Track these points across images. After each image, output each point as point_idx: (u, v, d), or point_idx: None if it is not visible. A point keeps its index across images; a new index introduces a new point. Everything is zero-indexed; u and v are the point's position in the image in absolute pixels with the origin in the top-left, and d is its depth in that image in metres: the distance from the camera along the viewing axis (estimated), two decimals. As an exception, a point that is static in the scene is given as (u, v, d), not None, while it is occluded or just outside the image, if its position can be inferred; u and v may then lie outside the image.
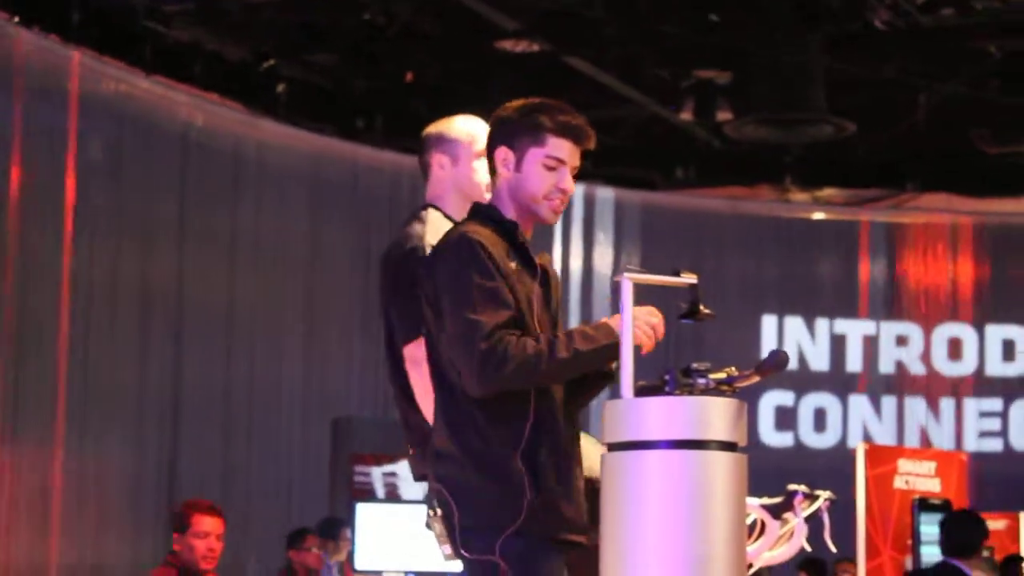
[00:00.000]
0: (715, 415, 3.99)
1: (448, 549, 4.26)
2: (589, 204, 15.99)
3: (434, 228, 4.78)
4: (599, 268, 15.87)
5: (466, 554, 4.20)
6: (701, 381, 4.05)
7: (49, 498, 11.67)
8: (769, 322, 16.58)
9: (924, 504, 9.94)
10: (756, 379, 4.08)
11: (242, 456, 13.36)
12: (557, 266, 4.24)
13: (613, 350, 4.14)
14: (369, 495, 11.72)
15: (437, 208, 4.96)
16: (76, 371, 11.85)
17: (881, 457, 10.37)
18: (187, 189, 13.04)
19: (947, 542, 8.79)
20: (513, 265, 4.32)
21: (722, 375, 4.08)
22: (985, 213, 16.62)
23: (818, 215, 16.82)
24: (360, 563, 10.42)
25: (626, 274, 4.08)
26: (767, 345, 16.41)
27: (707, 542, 3.91)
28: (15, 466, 11.38)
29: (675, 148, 15.74)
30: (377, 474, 12.02)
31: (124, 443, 12.37)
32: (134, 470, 12.52)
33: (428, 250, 4.60)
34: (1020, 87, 13.41)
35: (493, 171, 4.51)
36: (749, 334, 16.38)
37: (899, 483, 10.29)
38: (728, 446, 3.99)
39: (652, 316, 4.26)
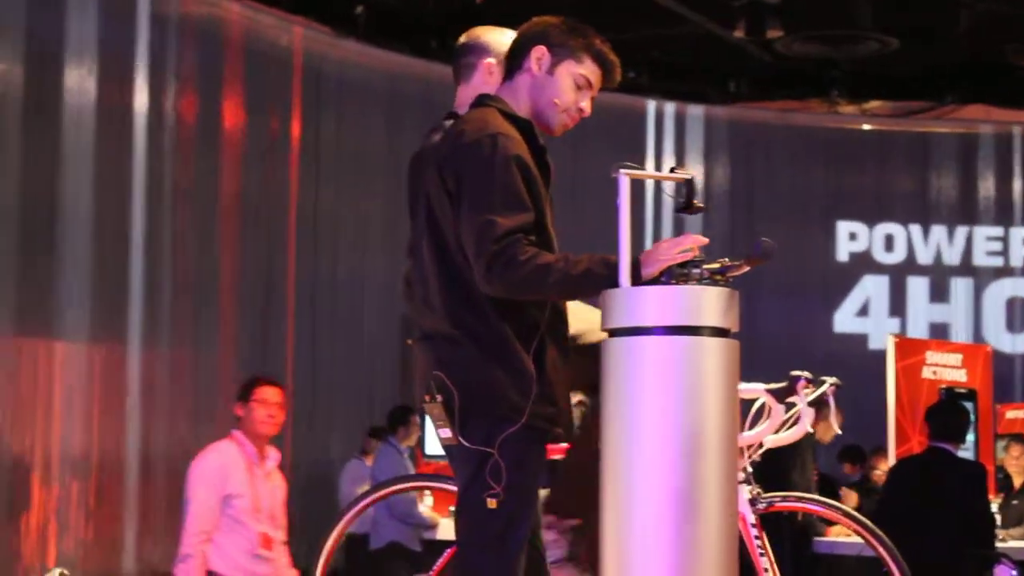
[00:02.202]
0: (708, 303, 3.89)
1: (447, 432, 4.15)
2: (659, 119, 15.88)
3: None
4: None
5: (465, 442, 4.10)
6: (695, 271, 3.95)
7: (124, 390, 11.70)
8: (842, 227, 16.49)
9: (950, 393, 9.85)
10: (746, 268, 3.98)
11: (326, 349, 13.38)
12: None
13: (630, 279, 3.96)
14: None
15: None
16: (150, 270, 11.86)
17: (910, 349, 10.26)
18: (275, 105, 13.01)
19: (935, 428, 8.69)
20: (534, 169, 4.21)
21: (715, 265, 3.98)
22: (980, 122, 16.35)
23: (866, 126, 16.59)
24: (430, 448, 10.42)
25: (622, 170, 3.98)
26: (842, 248, 16.32)
27: (700, 421, 3.84)
28: (93, 360, 11.40)
29: (728, 64, 15.54)
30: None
31: (217, 338, 12.43)
32: (229, 363, 12.61)
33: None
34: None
35: (517, 67, 4.37)
36: (825, 240, 16.30)
37: (927, 373, 10.19)
38: (720, 332, 3.90)
39: (680, 242, 4.08)
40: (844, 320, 16.28)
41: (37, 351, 10.95)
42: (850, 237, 16.40)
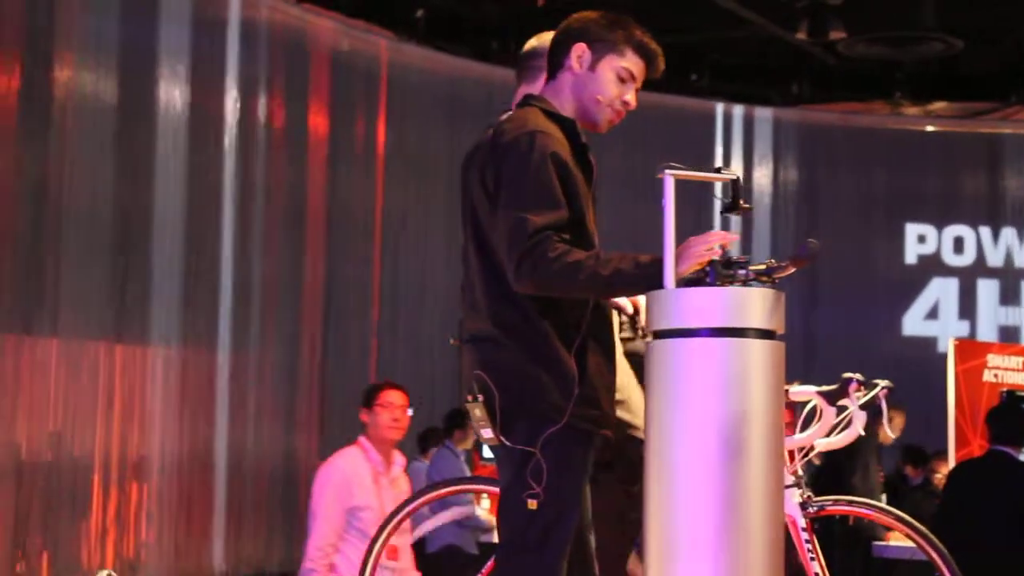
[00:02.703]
0: (753, 304, 3.85)
1: (489, 432, 4.12)
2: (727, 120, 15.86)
3: None
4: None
5: (507, 442, 4.08)
6: (741, 272, 3.92)
7: (214, 392, 11.96)
8: (911, 229, 16.37)
9: (1012, 396, 9.74)
10: (792, 270, 3.95)
11: (388, 352, 13.41)
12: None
13: (656, 280, 3.90)
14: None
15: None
16: (239, 275, 12.03)
17: (971, 352, 10.16)
18: (335, 108, 13.05)
19: (995, 431, 8.60)
20: (575, 167, 4.18)
21: (761, 267, 3.94)
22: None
23: (929, 127, 16.46)
24: (488, 451, 10.41)
25: (667, 171, 3.95)
26: (910, 251, 16.21)
27: (745, 424, 3.79)
28: (185, 363, 11.62)
29: (791, 66, 15.47)
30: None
31: (281, 341, 12.51)
32: (290, 365, 12.68)
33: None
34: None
35: (559, 66, 4.36)
36: (893, 242, 16.19)
37: (988, 376, 10.09)
38: (766, 334, 3.86)
39: (708, 238, 4.06)
40: (913, 323, 16.15)
41: (134, 356, 11.22)
42: (919, 239, 16.28)
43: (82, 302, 10.71)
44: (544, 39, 4.67)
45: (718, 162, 15.34)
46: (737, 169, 15.32)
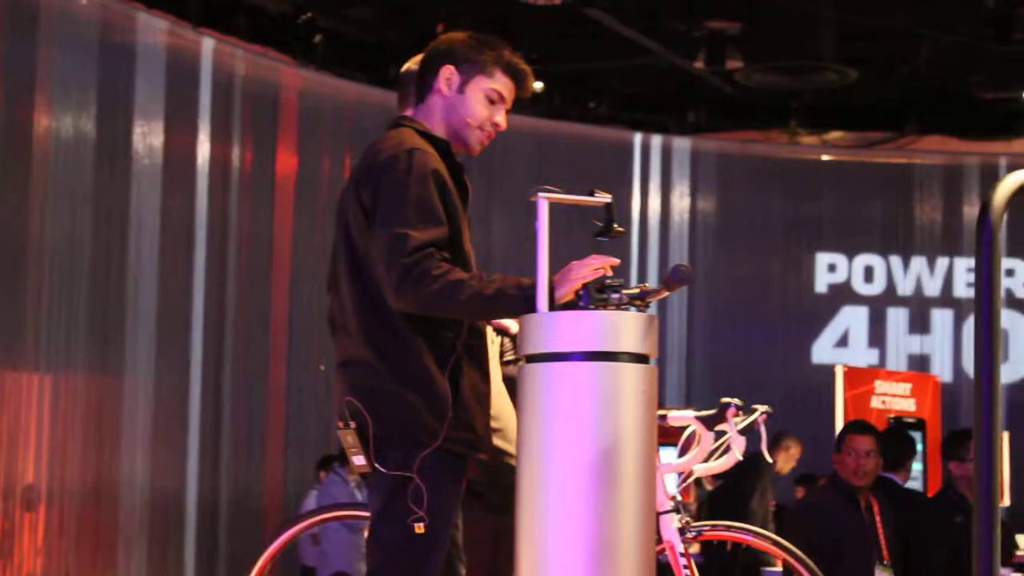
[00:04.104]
0: (626, 328, 3.84)
1: (361, 459, 4.05)
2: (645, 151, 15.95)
3: None
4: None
5: (381, 468, 4.01)
6: (615, 296, 3.91)
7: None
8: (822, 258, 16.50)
9: (899, 423, 9.81)
10: (665, 293, 3.94)
11: (259, 374, 13.35)
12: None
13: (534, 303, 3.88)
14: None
15: None
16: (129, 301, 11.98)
17: (858, 378, 10.22)
18: (231, 133, 12.97)
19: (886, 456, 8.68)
20: (451, 186, 4.15)
21: (635, 290, 3.93)
22: (973, 154, 16.31)
23: (825, 156, 16.60)
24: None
25: (541, 193, 3.93)
26: (820, 279, 16.31)
27: (618, 448, 3.78)
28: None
29: (689, 95, 15.56)
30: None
31: (173, 368, 12.45)
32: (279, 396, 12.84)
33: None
34: (1013, 36, 13.13)
35: (428, 88, 4.32)
36: (804, 270, 16.31)
37: (876, 403, 10.15)
38: (639, 358, 3.84)
39: (589, 262, 4.04)
40: (822, 351, 16.22)
41: (111, 388, 11.72)
42: (829, 268, 16.38)
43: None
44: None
45: (635, 191, 15.46)
46: (655, 198, 15.49)
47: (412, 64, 4.73)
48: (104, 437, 11.71)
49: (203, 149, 12.62)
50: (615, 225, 4.04)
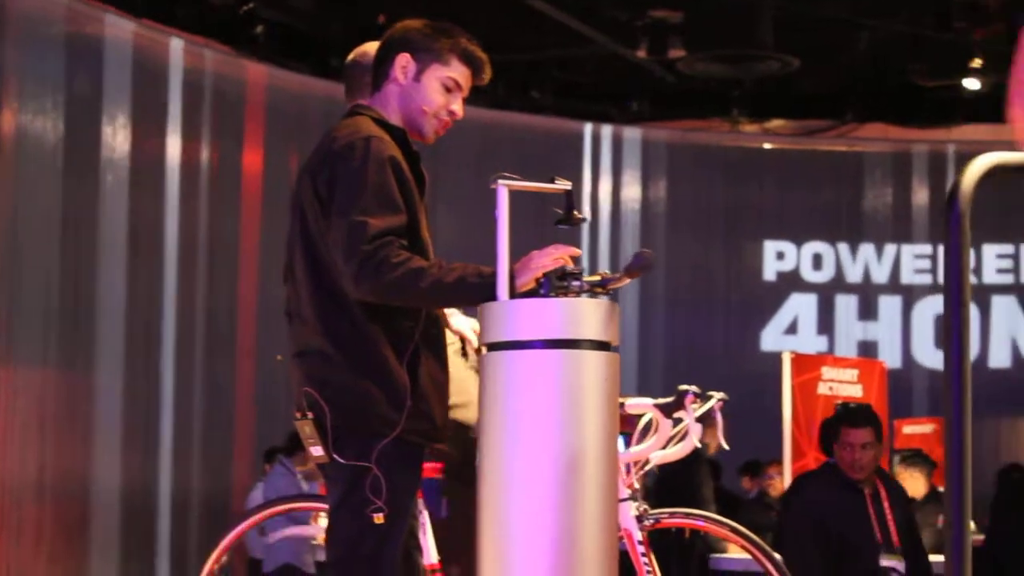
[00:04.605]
0: (587, 315, 3.81)
1: (319, 450, 4.01)
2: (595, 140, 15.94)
3: None
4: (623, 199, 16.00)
5: (339, 458, 3.97)
6: (575, 284, 3.88)
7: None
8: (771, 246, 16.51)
9: (846, 409, 9.79)
10: (627, 280, 3.91)
11: (228, 373, 13.25)
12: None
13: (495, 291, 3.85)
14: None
15: None
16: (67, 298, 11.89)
17: (806, 365, 10.21)
18: (171, 125, 12.85)
19: (825, 445, 8.66)
20: (408, 174, 4.10)
21: (596, 278, 3.91)
22: (920, 141, 16.39)
23: (767, 145, 16.64)
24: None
25: (501, 181, 3.89)
26: (768, 266, 16.34)
27: (580, 436, 3.75)
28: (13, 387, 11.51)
29: (632, 84, 15.55)
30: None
31: (117, 367, 12.34)
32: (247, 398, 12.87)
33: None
34: (951, 24, 13.20)
35: (384, 76, 4.27)
36: (754, 259, 16.34)
37: (823, 389, 10.13)
38: (601, 345, 3.82)
39: (550, 251, 4.00)
40: (772, 338, 16.19)
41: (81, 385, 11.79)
42: (778, 256, 16.41)
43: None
44: (368, 50, 4.60)
45: (586, 181, 15.45)
46: (606, 188, 15.49)
47: (357, 54, 4.69)
48: (75, 435, 11.70)
49: (172, 147, 12.68)
50: (575, 212, 4.00)
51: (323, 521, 10.51)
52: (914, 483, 10.30)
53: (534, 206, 3.89)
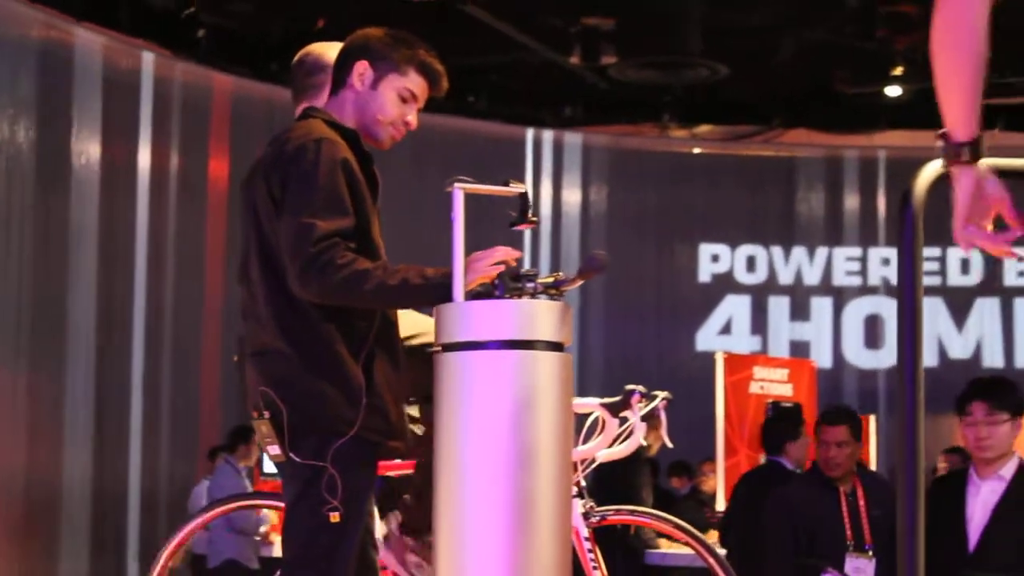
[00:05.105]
0: (541, 316, 3.80)
1: (276, 449, 3.97)
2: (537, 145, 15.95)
3: None
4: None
5: (296, 457, 3.93)
6: (529, 285, 3.86)
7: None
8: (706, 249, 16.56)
9: (777, 407, 9.87)
10: (580, 282, 3.92)
11: (163, 372, 13.15)
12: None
13: (443, 292, 3.82)
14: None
15: None
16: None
17: (738, 365, 10.27)
18: (112, 127, 12.73)
19: (765, 443, 8.72)
20: (360, 176, 4.07)
21: (549, 279, 3.89)
22: (852, 147, 16.48)
23: (696, 149, 16.69)
24: (268, 466, 10.25)
25: (457, 184, 3.86)
26: (704, 269, 16.36)
27: (534, 434, 3.74)
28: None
29: (565, 89, 15.54)
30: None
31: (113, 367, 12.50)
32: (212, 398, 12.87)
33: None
34: (874, 32, 13.28)
35: (341, 83, 4.23)
36: (689, 260, 16.36)
37: (754, 388, 10.20)
38: (554, 346, 3.80)
39: (492, 254, 3.97)
40: (706, 338, 16.23)
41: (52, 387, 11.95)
42: (713, 259, 16.44)
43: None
44: (315, 53, 4.56)
45: (527, 185, 15.37)
46: (547, 192, 15.48)
47: (300, 56, 4.65)
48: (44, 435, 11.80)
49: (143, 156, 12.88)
50: (529, 214, 3.99)
51: (266, 518, 10.52)
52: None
53: (473, 209, 3.84)
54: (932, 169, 3.02)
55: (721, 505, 9.99)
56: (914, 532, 2.98)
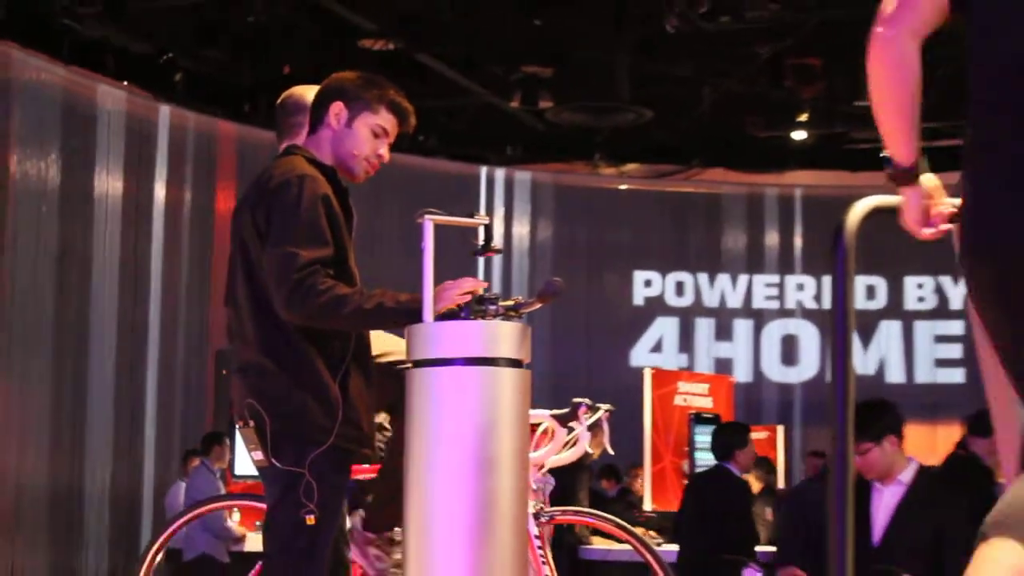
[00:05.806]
0: (503, 336, 3.80)
1: (259, 455, 3.98)
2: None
3: None
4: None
5: (277, 463, 3.93)
6: (492, 307, 3.85)
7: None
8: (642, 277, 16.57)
9: (698, 418, 9.88)
10: (538, 305, 3.92)
11: (139, 384, 13.02)
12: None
13: (414, 315, 3.82)
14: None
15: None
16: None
17: (664, 379, 10.29)
18: (98, 162, 12.62)
19: (717, 448, 8.71)
20: (338, 209, 4.05)
21: (510, 303, 3.89)
22: (771, 186, 16.57)
23: (623, 186, 16.72)
24: (239, 469, 10.16)
25: (427, 215, 3.85)
26: (638, 292, 16.37)
27: (496, 444, 3.73)
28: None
29: (506, 130, 15.56)
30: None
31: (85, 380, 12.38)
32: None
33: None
34: (783, 82, 13.35)
35: (319, 122, 4.22)
36: (624, 285, 16.41)
37: (678, 400, 10.22)
38: (515, 363, 3.80)
39: (461, 284, 3.94)
40: (639, 356, 16.23)
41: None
42: (646, 284, 16.47)
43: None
44: (297, 95, 4.53)
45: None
46: (499, 224, 15.47)
47: (283, 98, 4.61)
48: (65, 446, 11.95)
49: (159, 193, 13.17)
50: (493, 244, 3.98)
51: (236, 515, 10.42)
52: (753, 482, 10.40)
53: (438, 239, 3.83)
54: (864, 205, 3.03)
55: (648, 506, 10.00)
56: (844, 532, 2.97)
